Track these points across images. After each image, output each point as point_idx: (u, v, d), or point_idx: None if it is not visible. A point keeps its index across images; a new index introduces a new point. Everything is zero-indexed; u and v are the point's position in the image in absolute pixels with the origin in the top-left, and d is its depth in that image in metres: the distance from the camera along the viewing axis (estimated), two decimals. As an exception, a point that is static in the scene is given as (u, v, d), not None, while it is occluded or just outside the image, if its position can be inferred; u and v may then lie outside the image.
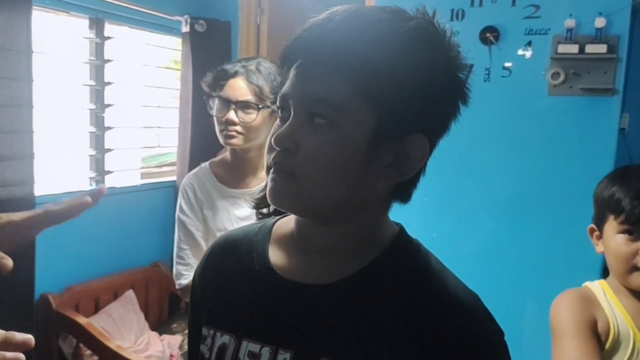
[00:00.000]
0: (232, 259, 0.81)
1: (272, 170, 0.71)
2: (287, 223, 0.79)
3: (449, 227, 2.60)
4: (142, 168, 3.43)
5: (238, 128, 1.64)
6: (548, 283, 2.46)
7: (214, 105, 1.69)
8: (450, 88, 0.72)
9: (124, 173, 3.03)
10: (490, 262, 2.54)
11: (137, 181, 3.11)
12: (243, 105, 1.64)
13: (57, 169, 2.64)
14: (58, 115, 2.65)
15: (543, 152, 2.46)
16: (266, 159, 0.74)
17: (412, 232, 0.81)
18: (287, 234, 0.78)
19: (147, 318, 2.81)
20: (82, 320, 2.32)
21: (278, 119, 0.74)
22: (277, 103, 0.74)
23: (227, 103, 1.65)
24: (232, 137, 1.65)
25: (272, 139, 0.70)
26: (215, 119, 1.70)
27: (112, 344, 2.25)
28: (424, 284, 0.71)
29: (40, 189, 2.35)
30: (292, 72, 0.71)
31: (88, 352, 2.36)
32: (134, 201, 2.91)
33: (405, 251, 0.75)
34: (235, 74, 1.66)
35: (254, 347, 0.73)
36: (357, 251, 0.73)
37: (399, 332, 0.68)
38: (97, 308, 2.62)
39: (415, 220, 2.72)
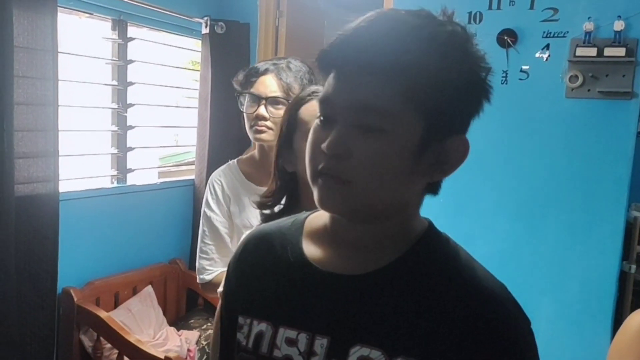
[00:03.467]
0: (266, 251, 0.84)
1: (321, 176, 0.72)
2: (320, 217, 0.82)
3: (465, 228, 2.61)
4: (161, 167, 3.48)
5: (268, 123, 1.67)
6: (564, 285, 2.47)
7: (245, 102, 1.72)
8: (480, 89, 0.74)
9: (144, 171, 3.08)
10: (506, 264, 2.54)
11: (155, 179, 3.16)
12: (273, 101, 1.67)
13: (81, 167, 2.70)
14: (82, 114, 2.70)
15: (560, 155, 2.46)
16: (310, 164, 0.74)
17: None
18: (319, 228, 0.81)
19: (165, 313, 2.86)
20: (102, 314, 2.36)
21: (317, 124, 0.74)
22: (318, 106, 0.74)
23: (257, 99, 1.68)
24: (262, 132, 1.68)
25: (325, 146, 0.70)
26: (245, 115, 1.73)
27: (132, 338, 2.29)
28: (454, 274, 0.74)
29: (64, 186, 2.41)
30: (333, 77, 0.72)
31: (108, 345, 2.40)
32: (153, 199, 2.96)
33: (435, 244, 0.77)
34: (265, 71, 1.69)
35: (291, 333, 0.76)
36: (390, 244, 0.76)
37: (431, 320, 0.71)
38: (116, 303, 2.67)
39: (432, 220, 2.74)
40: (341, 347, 0.72)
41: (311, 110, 1.22)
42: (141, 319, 2.64)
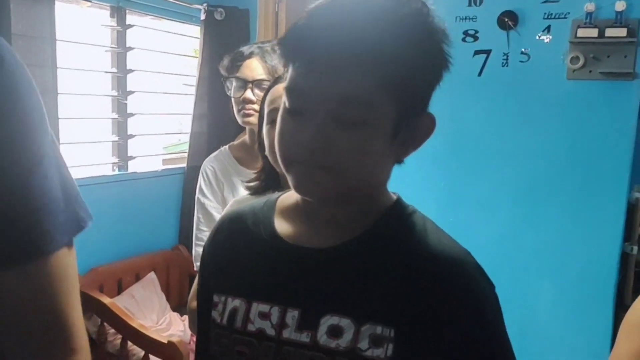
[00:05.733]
0: (240, 231, 0.85)
1: (297, 165, 0.72)
2: (292, 196, 0.84)
3: (466, 211, 2.61)
4: (165, 154, 3.48)
5: (255, 107, 1.67)
6: (564, 268, 2.47)
7: (232, 86, 1.73)
8: (442, 62, 0.75)
9: (147, 159, 3.09)
10: (507, 247, 2.55)
11: (159, 167, 3.16)
12: (259, 84, 1.68)
13: (82, 155, 2.71)
14: (81, 102, 2.70)
15: (561, 137, 2.45)
16: (283, 154, 0.74)
17: (429, 216, 0.84)
18: (291, 206, 0.83)
19: (168, 299, 2.88)
20: (106, 300, 2.38)
21: (285, 113, 0.73)
22: (285, 96, 0.72)
23: (243, 83, 1.69)
24: (250, 115, 1.69)
25: (304, 141, 0.70)
26: (232, 99, 1.73)
27: (135, 323, 2.31)
28: (420, 242, 0.76)
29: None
30: (301, 67, 0.71)
31: (112, 330, 2.42)
32: (156, 186, 2.97)
33: (402, 215, 0.79)
34: (250, 55, 1.69)
35: (264, 307, 0.78)
36: (359, 218, 0.78)
37: (398, 286, 0.73)
38: (120, 289, 2.69)
39: (432, 204, 2.75)
40: (312, 318, 0.74)
41: None
42: (144, 305, 2.66)
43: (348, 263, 0.76)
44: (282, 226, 0.81)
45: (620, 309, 2.33)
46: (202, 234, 1.77)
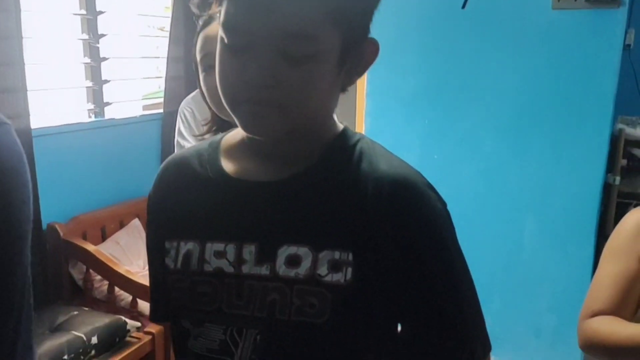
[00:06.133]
0: (185, 173, 0.83)
1: (245, 104, 0.70)
2: (236, 134, 0.82)
3: (450, 148, 2.60)
4: (144, 99, 3.39)
5: None
6: (548, 202, 2.49)
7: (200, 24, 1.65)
8: None
9: (126, 105, 3.00)
10: (493, 181, 2.55)
11: (138, 112, 3.08)
12: None
13: (56, 102, 2.62)
14: (52, 48, 2.59)
15: (545, 69, 2.41)
16: (228, 94, 0.71)
17: (414, 154, 0.82)
18: (236, 143, 0.81)
19: (154, 245, 2.88)
20: (90, 247, 2.37)
21: (223, 51, 0.70)
22: (224, 33, 0.69)
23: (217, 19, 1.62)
24: None
25: (249, 78, 0.67)
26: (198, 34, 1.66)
27: (121, 269, 2.31)
28: (369, 167, 0.75)
29: (38, 122, 2.34)
30: (240, 0, 0.67)
31: (98, 277, 2.43)
32: (136, 132, 2.91)
33: (350, 143, 0.79)
34: None
35: (219, 246, 0.77)
36: (308, 149, 0.77)
37: (351, 212, 0.73)
38: (104, 236, 2.67)
39: (415, 143, 2.73)
40: (269, 250, 0.74)
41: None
42: (130, 251, 2.66)
43: (300, 194, 0.75)
44: (229, 164, 0.80)
45: (602, 239, 2.37)
46: None
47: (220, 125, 1.29)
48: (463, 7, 2.48)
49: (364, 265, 0.72)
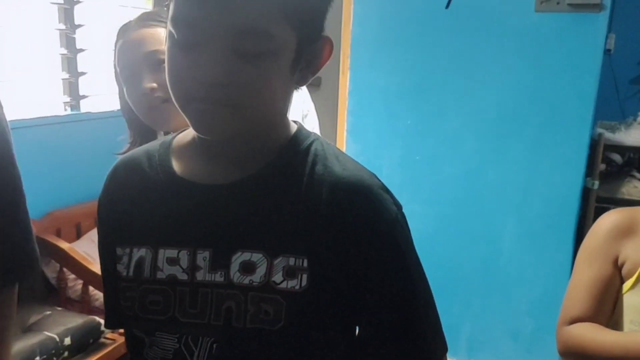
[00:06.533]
0: (136, 176, 0.80)
1: (196, 102, 0.68)
2: (187, 134, 0.80)
3: (432, 149, 2.59)
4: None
5: None
6: (527, 203, 2.50)
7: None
8: None
9: (104, 98, 2.95)
10: (473, 183, 2.56)
11: (115, 106, 3.03)
12: None
13: (30, 94, 2.56)
14: (27, 38, 2.52)
15: (526, 71, 2.42)
16: (178, 91, 0.69)
17: (395, 154, 0.80)
18: (188, 144, 0.79)
19: (130, 243, 2.83)
20: (64, 245, 2.31)
21: (174, 47, 0.68)
22: (173, 28, 0.67)
23: None
24: None
25: (201, 75, 0.65)
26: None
27: (96, 268, 2.25)
28: (323, 170, 0.74)
29: (13, 114, 2.28)
30: None
31: (72, 276, 2.37)
32: (113, 126, 2.83)
33: (302, 144, 0.77)
34: None
35: (172, 252, 0.75)
36: (260, 151, 0.75)
37: (305, 217, 0.72)
38: (79, 234, 2.61)
39: (397, 143, 2.73)
40: (223, 256, 0.73)
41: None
42: (105, 249, 2.61)
43: (252, 197, 0.74)
44: (180, 166, 0.78)
45: (580, 243, 2.38)
46: None
47: (144, 137, 1.26)
48: (447, 7, 2.48)
49: (319, 272, 0.71)
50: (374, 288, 0.74)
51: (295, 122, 0.80)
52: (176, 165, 0.78)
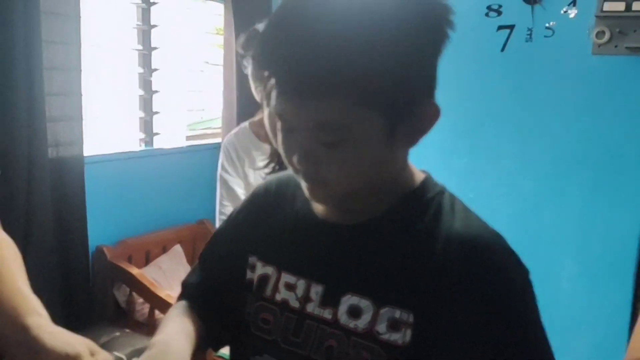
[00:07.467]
0: (276, 198, 0.86)
1: (300, 176, 0.73)
2: None
3: (488, 188, 2.61)
4: (190, 130, 3.53)
5: None
6: (586, 244, 2.47)
7: (248, 64, 1.74)
8: (441, 40, 0.70)
9: (172, 135, 3.13)
10: (529, 224, 2.55)
11: (183, 142, 3.21)
12: None
13: (110, 131, 2.76)
14: (109, 80, 2.74)
15: (585, 113, 2.43)
16: (287, 162, 0.74)
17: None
18: None
19: (194, 272, 2.94)
20: (134, 270, 2.45)
21: (281, 126, 0.72)
22: (277, 114, 0.71)
23: None
24: None
25: (296, 162, 0.71)
26: (250, 77, 1.74)
27: (163, 293, 2.38)
28: (447, 225, 0.72)
29: (92, 150, 2.47)
30: (277, 85, 0.67)
31: (140, 300, 2.50)
32: (181, 162, 3.02)
33: (429, 195, 0.76)
34: None
35: (291, 278, 0.79)
36: (383, 198, 0.76)
37: (422, 271, 0.71)
38: (147, 260, 2.76)
39: (453, 180, 2.72)
40: (334, 295, 0.75)
41: None
42: (171, 276, 2.74)
43: (370, 241, 0.75)
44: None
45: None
46: (224, 208, 1.82)
47: (277, 155, 1.36)
48: (502, 50, 2.54)
49: (425, 329, 0.69)
50: (483, 354, 0.68)
51: (424, 171, 0.80)
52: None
